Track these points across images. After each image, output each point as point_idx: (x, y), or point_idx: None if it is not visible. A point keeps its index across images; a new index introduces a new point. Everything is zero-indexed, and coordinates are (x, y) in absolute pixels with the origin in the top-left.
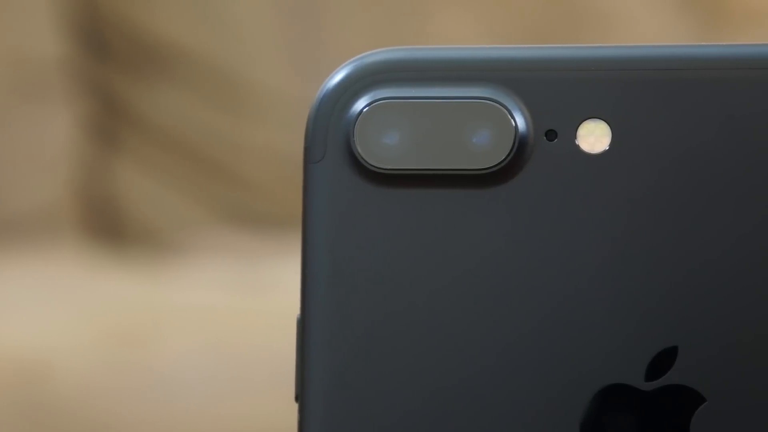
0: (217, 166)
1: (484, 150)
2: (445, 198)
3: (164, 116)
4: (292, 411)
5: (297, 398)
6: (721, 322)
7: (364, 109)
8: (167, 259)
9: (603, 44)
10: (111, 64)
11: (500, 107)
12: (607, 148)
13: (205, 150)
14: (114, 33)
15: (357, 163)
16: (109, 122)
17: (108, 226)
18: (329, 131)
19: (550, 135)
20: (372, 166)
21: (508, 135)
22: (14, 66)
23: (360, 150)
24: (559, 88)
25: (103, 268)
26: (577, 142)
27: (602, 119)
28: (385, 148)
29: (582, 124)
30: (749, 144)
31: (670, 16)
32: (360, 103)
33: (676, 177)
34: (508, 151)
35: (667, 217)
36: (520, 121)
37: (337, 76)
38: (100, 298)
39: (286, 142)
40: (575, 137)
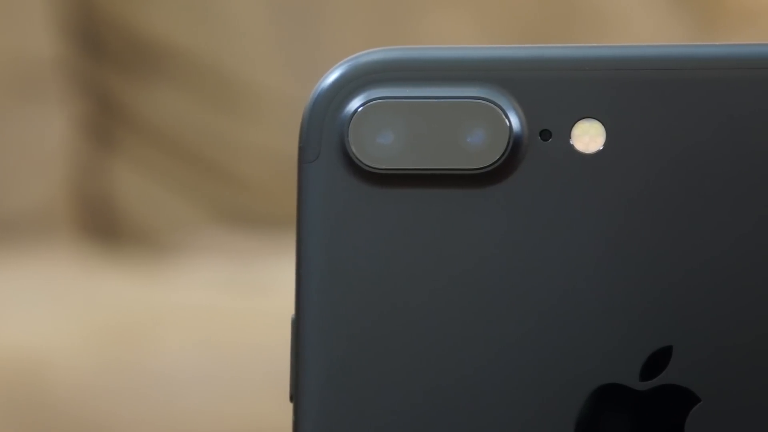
0: (213, 166)
1: (478, 150)
2: (440, 198)
3: (160, 116)
4: (287, 410)
5: (291, 398)
6: (716, 322)
7: (359, 109)
8: (163, 259)
9: (598, 44)
10: (106, 63)
11: (495, 107)
12: (602, 148)
13: (201, 150)
14: (110, 32)
15: (351, 163)
16: (105, 122)
17: (104, 225)
18: (323, 131)
19: (545, 135)
20: (366, 165)
21: (503, 135)
22: (10, 66)
23: (354, 150)
24: (554, 88)
25: (99, 267)
26: (572, 142)
27: (597, 119)
28: (380, 148)
29: (576, 124)
30: (744, 144)
31: (664, 15)
32: (354, 103)
33: (671, 177)
34: (502, 151)
35: (662, 217)
36: (515, 121)
37: (332, 76)
38: (95, 297)
39: (282, 142)
40: (570, 137)
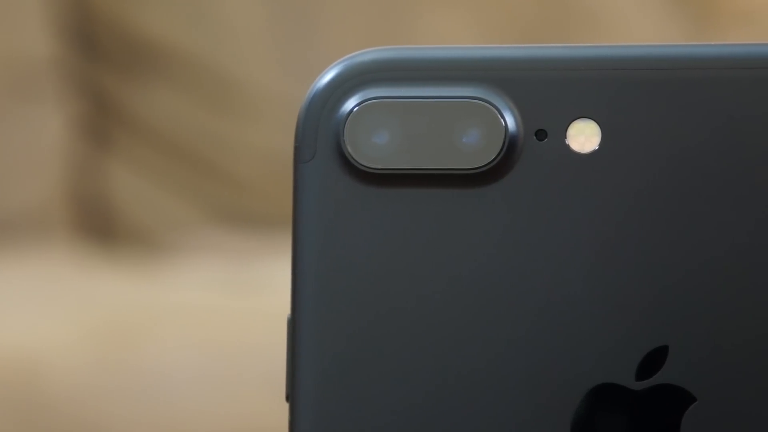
0: (209, 166)
1: (474, 150)
2: (435, 198)
3: (156, 116)
4: (283, 410)
5: (287, 398)
6: (712, 322)
7: (354, 109)
8: (159, 259)
9: (593, 44)
10: (102, 63)
11: (490, 107)
12: (597, 148)
13: (197, 150)
14: (105, 33)
15: (347, 163)
16: (101, 122)
17: (99, 225)
18: (319, 131)
19: (540, 135)
20: (362, 165)
21: (498, 135)
22: (6, 66)
23: (350, 149)
24: (549, 88)
25: (95, 267)
26: (567, 142)
27: (592, 119)
28: (375, 148)
29: (572, 124)
30: (740, 144)
31: (660, 15)
32: (350, 103)
33: (667, 177)
34: (498, 151)
35: (657, 216)
36: (510, 121)
37: (327, 76)
38: (92, 297)
39: (278, 142)
40: (565, 137)
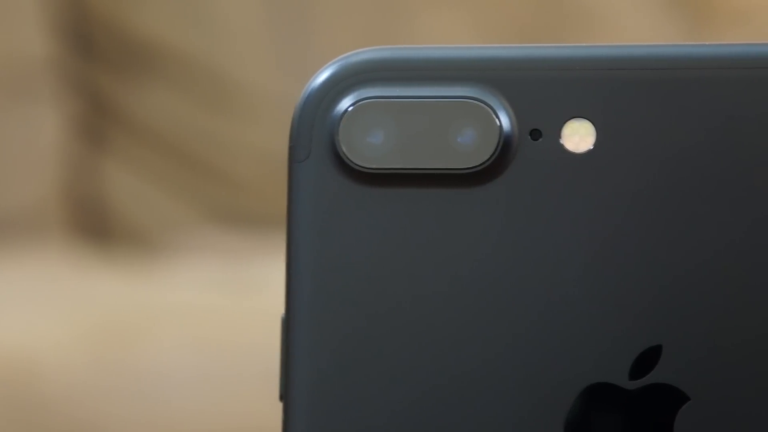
0: (205, 166)
1: (468, 149)
2: (430, 197)
3: (152, 116)
4: (279, 409)
5: (281, 398)
6: (706, 322)
7: (349, 109)
8: (155, 259)
9: (588, 44)
10: (99, 63)
11: (485, 107)
12: (592, 148)
13: (193, 149)
14: (102, 32)
15: (342, 163)
16: (97, 122)
17: (95, 225)
18: (314, 130)
19: (535, 134)
20: (357, 165)
21: (493, 134)
22: (2, 66)
23: (345, 149)
24: (544, 88)
25: (91, 267)
26: (562, 142)
27: (587, 118)
28: (370, 148)
29: (567, 124)
30: (735, 143)
31: (655, 15)
32: (345, 103)
33: (661, 176)
34: (492, 151)
35: (652, 216)
36: (505, 121)
37: (322, 76)
38: (87, 297)
39: (275, 142)
40: (560, 136)
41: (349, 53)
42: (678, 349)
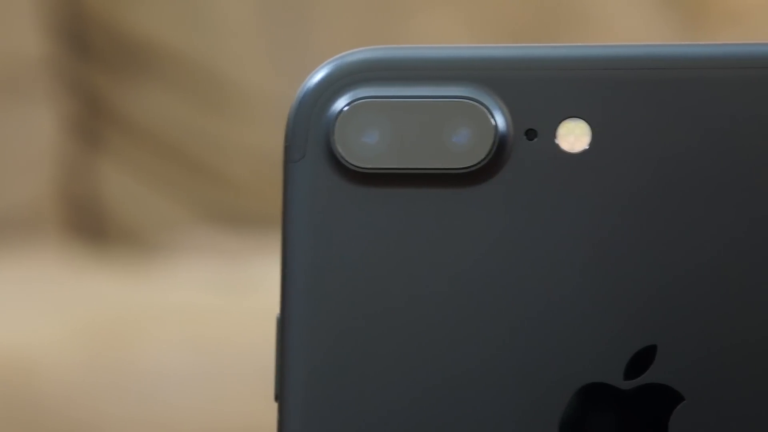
0: (201, 166)
1: (463, 149)
2: (425, 197)
3: (147, 115)
4: (274, 409)
5: (276, 398)
6: (700, 322)
7: (344, 109)
8: (151, 259)
9: (583, 44)
10: (94, 63)
11: (480, 106)
12: (587, 148)
13: (189, 149)
14: (97, 32)
15: (337, 163)
16: (92, 121)
17: (91, 225)
18: (309, 130)
19: (530, 134)
20: (352, 165)
21: (488, 134)
22: None
23: (340, 149)
24: (539, 88)
25: (86, 267)
26: (557, 142)
27: (582, 118)
28: (365, 148)
29: (562, 124)
30: (730, 144)
31: (650, 15)
32: (340, 103)
33: (657, 177)
34: (487, 151)
35: (647, 216)
36: (500, 121)
37: (317, 76)
38: (82, 297)
39: (270, 142)
40: (555, 136)
41: (344, 53)
42: (673, 349)
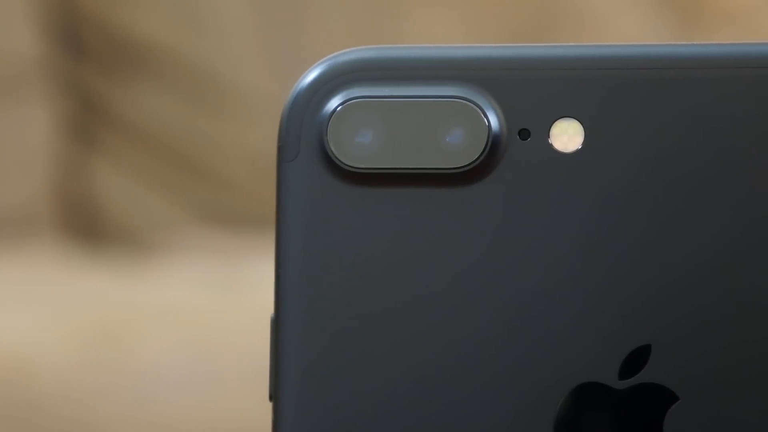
0: (196, 166)
1: (457, 149)
2: (419, 197)
3: (142, 115)
4: (269, 409)
5: (271, 398)
6: (695, 322)
7: (338, 108)
8: (146, 258)
9: (577, 43)
10: (89, 62)
11: (473, 106)
12: (580, 147)
13: (184, 149)
14: (92, 31)
15: (330, 162)
16: (87, 121)
17: (86, 225)
18: (302, 130)
19: (524, 134)
20: (345, 165)
21: (481, 134)
22: None
23: (333, 149)
24: (533, 87)
25: (82, 267)
26: (550, 141)
27: (575, 118)
28: (359, 147)
29: (555, 123)
30: (723, 143)
31: (645, 15)
32: (333, 102)
33: (650, 176)
34: (481, 151)
35: (641, 216)
36: (493, 120)
37: (310, 75)
38: (78, 296)
39: (265, 141)
40: (548, 136)
41: (338, 53)
42: (667, 349)
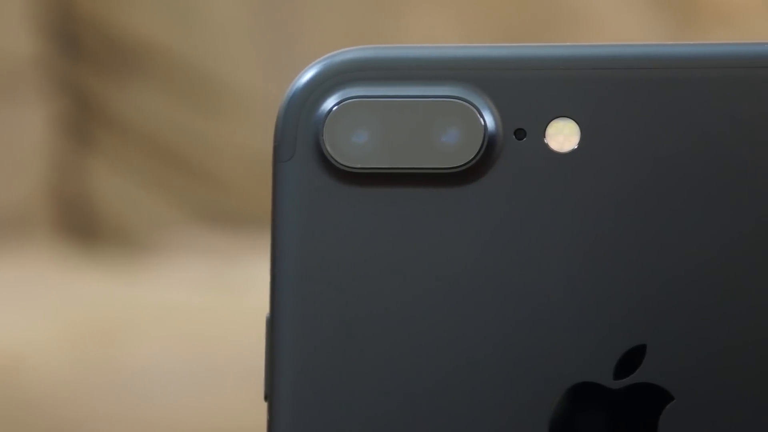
0: (191, 165)
1: (453, 149)
2: (414, 197)
3: (138, 115)
4: (264, 408)
5: (266, 397)
6: (690, 322)
7: (334, 108)
8: (141, 258)
9: (573, 43)
10: (84, 62)
11: (469, 106)
12: (576, 147)
13: (179, 149)
14: (88, 31)
15: (326, 162)
16: (83, 121)
17: (81, 225)
18: (298, 130)
19: (519, 134)
20: (341, 165)
21: (477, 134)
22: None
23: (329, 149)
24: (528, 87)
25: (77, 266)
26: (546, 141)
27: (571, 118)
28: (355, 147)
29: (551, 123)
30: (719, 143)
31: (641, 15)
32: (329, 102)
33: (646, 176)
34: (477, 150)
35: (636, 216)
36: (489, 120)
37: (307, 75)
38: (73, 296)
39: (261, 141)
40: (544, 136)
41: (334, 53)
42: (662, 349)
